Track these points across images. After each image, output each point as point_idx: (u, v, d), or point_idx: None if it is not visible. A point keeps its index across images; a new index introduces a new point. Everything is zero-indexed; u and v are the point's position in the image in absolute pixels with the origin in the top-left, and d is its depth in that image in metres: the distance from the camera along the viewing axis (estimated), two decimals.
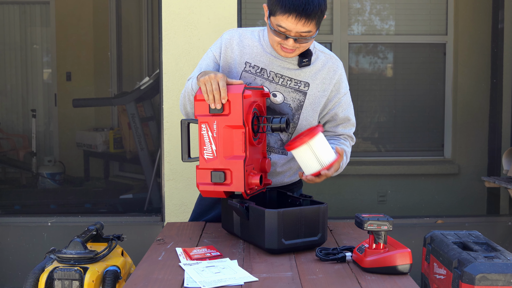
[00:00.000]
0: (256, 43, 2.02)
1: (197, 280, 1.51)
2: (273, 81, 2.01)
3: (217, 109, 1.77)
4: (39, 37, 6.13)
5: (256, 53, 2.01)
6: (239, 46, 2.02)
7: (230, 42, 2.03)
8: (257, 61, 2.01)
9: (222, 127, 1.79)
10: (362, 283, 1.51)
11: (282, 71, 2.00)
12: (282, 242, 1.72)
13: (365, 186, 4.50)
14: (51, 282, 1.86)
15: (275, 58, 2.00)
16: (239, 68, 2.01)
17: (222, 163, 1.80)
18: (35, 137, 5.59)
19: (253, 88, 1.89)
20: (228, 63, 2.02)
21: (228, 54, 2.02)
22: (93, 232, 2.09)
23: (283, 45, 1.91)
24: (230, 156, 1.80)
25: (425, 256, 2.38)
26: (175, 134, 3.43)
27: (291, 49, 1.91)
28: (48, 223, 3.57)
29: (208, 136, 1.81)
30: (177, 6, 3.40)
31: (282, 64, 2.00)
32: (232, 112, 1.77)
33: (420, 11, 4.51)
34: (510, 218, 3.69)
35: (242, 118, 1.76)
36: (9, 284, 3.59)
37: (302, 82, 2.01)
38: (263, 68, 2.00)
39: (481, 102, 4.30)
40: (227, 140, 1.80)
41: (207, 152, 1.82)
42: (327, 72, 2.04)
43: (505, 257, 2.04)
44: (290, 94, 2.01)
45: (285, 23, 1.83)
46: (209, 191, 1.84)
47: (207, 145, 1.82)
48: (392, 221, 1.61)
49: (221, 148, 1.80)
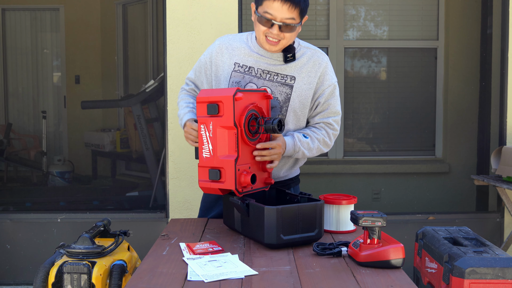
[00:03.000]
0: (244, 45, 2.09)
1: (200, 274, 1.51)
2: (261, 77, 2.05)
3: (214, 110, 1.80)
4: (49, 42, 6.13)
5: (244, 53, 2.07)
6: (228, 49, 2.09)
7: (220, 47, 2.10)
8: (245, 61, 2.06)
9: (217, 128, 1.81)
10: (357, 277, 1.51)
11: (269, 67, 2.05)
12: (281, 238, 1.72)
13: (360, 184, 4.50)
14: (60, 275, 1.86)
15: (262, 56, 2.05)
16: (229, 69, 2.07)
17: (217, 161, 1.82)
18: (45, 137, 5.60)
19: (249, 91, 1.90)
20: (218, 66, 2.09)
21: (218, 58, 2.10)
22: (100, 228, 2.09)
23: (268, 36, 1.97)
24: (224, 155, 1.82)
25: (417, 251, 2.38)
26: (179, 135, 3.43)
27: (276, 40, 1.96)
28: (57, 219, 3.57)
29: (206, 136, 1.84)
30: (181, 13, 3.40)
31: (268, 61, 2.05)
32: (225, 114, 1.78)
33: (412, 17, 4.51)
34: (498, 215, 3.68)
35: (233, 119, 1.77)
36: (21, 278, 3.59)
37: (288, 76, 2.05)
38: (251, 66, 2.06)
39: (471, 104, 4.30)
40: (221, 140, 1.81)
41: (205, 151, 1.84)
42: (312, 66, 2.07)
43: (493, 252, 2.05)
44: (278, 88, 2.05)
45: (271, 8, 1.90)
46: (207, 187, 1.87)
47: (205, 144, 1.84)
48: (386, 218, 1.61)
49: (216, 147, 1.82)
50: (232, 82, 2.06)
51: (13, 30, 6.00)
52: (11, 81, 6.01)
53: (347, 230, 1.98)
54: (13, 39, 6.00)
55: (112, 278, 1.88)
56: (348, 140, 4.59)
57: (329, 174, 4.45)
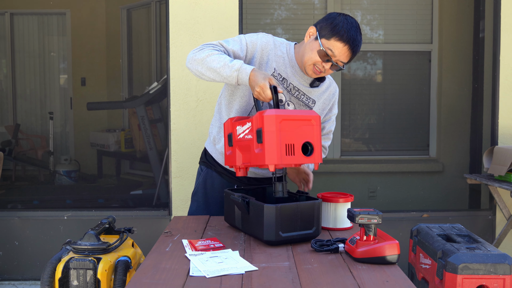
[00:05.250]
0: (285, 55, 2.08)
1: (202, 269, 1.51)
2: (290, 92, 2.08)
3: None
4: (56, 46, 6.13)
5: (283, 63, 2.07)
6: (273, 51, 2.06)
7: (267, 45, 2.06)
8: (282, 71, 2.06)
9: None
10: (354, 272, 1.51)
11: (299, 85, 2.09)
12: (280, 235, 1.72)
13: (357, 183, 4.50)
14: (67, 271, 1.86)
15: (296, 72, 2.07)
16: (268, 70, 2.05)
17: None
18: (52, 137, 5.59)
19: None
20: (261, 62, 2.04)
21: (264, 54, 2.05)
22: (106, 225, 2.09)
23: (317, 66, 1.99)
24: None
25: (412, 247, 2.38)
26: (181, 135, 3.43)
27: (320, 71, 2.00)
28: (64, 217, 3.57)
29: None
30: (183, 17, 3.40)
31: (299, 80, 2.08)
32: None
33: (407, 22, 4.50)
34: (490, 212, 3.68)
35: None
36: (29, 273, 3.59)
37: (311, 99, 2.12)
38: (285, 78, 2.07)
39: (464, 105, 4.30)
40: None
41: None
42: (328, 94, 2.16)
43: (485, 248, 2.05)
44: (300, 107, 2.11)
45: (337, 49, 1.94)
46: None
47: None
48: (382, 215, 1.61)
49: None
50: None
51: (21, 33, 6.00)
52: (19, 83, 6.01)
53: (344, 227, 1.98)
54: (21, 43, 6.00)
55: (117, 273, 1.88)
56: (345, 140, 4.59)
57: (327, 173, 4.45)
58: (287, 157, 1.71)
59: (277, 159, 1.69)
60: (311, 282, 1.43)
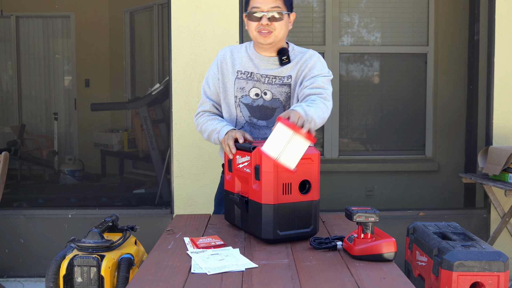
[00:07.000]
0: (244, 53, 2.15)
1: (203, 266, 1.51)
2: (260, 81, 2.11)
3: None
4: (61, 48, 6.13)
5: (244, 61, 2.14)
6: (231, 59, 2.15)
7: (224, 57, 2.17)
8: (246, 68, 2.13)
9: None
10: (352, 269, 1.51)
11: (267, 72, 2.11)
12: (277, 233, 1.72)
13: (354, 182, 4.50)
14: (71, 268, 1.86)
15: (260, 61, 2.11)
16: (232, 76, 2.14)
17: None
18: (57, 137, 5.60)
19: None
20: (224, 75, 2.16)
21: (224, 67, 2.16)
22: (109, 223, 2.09)
23: (259, 30, 2.03)
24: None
25: (408, 245, 2.38)
26: (183, 135, 3.43)
27: (267, 31, 2.02)
28: (68, 215, 3.57)
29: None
30: (185, 20, 3.40)
31: (266, 66, 2.11)
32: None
33: (403, 24, 4.50)
34: (485, 211, 3.68)
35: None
36: (34, 270, 3.59)
37: (285, 77, 2.11)
38: (251, 72, 2.12)
39: (459, 106, 4.29)
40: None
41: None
42: (303, 62, 2.11)
43: (480, 246, 2.05)
44: (278, 89, 2.10)
45: (257, 2, 2.01)
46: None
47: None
48: (379, 214, 1.61)
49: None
50: (237, 88, 2.12)
51: (26, 36, 6.00)
52: (25, 85, 6.01)
53: (285, 167, 1.61)
54: (26, 45, 6.00)
55: (120, 270, 1.88)
56: (343, 140, 4.59)
57: (325, 173, 4.44)
58: (283, 196, 1.73)
59: (273, 199, 1.71)
60: (310, 278, 1.43)
